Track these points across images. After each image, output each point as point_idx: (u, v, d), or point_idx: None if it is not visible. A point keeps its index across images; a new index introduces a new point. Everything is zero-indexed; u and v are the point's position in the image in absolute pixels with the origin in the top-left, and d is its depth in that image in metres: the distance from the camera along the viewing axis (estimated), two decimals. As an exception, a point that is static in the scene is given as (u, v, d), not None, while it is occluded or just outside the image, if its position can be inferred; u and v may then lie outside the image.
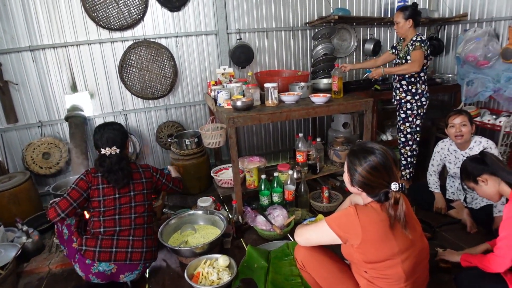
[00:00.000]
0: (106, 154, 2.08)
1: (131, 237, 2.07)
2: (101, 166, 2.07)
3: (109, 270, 1.99)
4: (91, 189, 2.08)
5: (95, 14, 3.21)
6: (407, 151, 3.28)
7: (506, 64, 3.46)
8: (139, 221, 2.13)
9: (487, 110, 3.78)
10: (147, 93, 3.56)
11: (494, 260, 1.70)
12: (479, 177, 1.88)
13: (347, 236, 1.50)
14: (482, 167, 1.88)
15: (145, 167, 2.28)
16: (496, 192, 1.85)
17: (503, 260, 1.66)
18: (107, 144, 2.08)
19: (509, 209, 1.68)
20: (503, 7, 3.63)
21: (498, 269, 1.69)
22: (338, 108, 2.89)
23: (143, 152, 3.76)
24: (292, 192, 2.96)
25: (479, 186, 1.91)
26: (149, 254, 2.13)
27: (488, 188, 1.87)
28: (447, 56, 4.46)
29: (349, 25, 4.12)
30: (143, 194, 2.18)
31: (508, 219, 1.67)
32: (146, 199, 2.20)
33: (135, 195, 2.15)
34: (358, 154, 1.53)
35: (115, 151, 2.09)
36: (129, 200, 2.12)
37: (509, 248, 1.64)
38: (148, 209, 2.21)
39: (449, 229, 2.64)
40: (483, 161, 1.89)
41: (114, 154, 2.09)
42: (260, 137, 4.20)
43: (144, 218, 2.15)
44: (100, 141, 2.10)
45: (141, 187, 2.18)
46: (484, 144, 2.58)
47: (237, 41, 3.72)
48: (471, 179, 1.94)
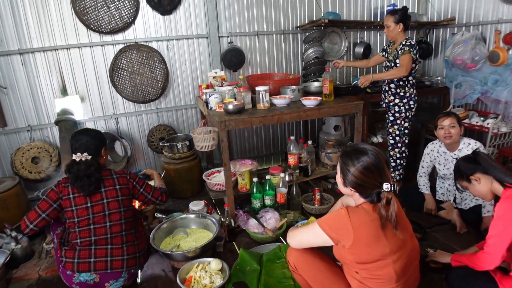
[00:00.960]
0: (76, 160, 2.01)
1: (109, 245, 2.01)
2: (68, 173, 2.00)
3: (91, 280, 1.95)
4: (62, 199, 2.00)
5: (85, 18, 3.20)
6: (396, 153, 3.32)
7: (493, 67, 3.51)
8: (116, 229, 2.04)
9: (475, 112, 3.84)
10: (138, 96, 3.55)
11: (484, 257, 1.72)
12: (472, 176, 1.90)
13: (338, 237, 1.51)
14: (474, 166, 1.89)
15: (120, 173, 2.16)
16: (489, 190, 1.86)
17: (492, 257, 1.68)
18: (79, 150, 2.02)
19: (500, 208, 1.71)
20: (489, 12, 3.70)
21: (488, 266, 1.71)
22: (329, 111, 2.91)
23: (134, 156, 3.74)
24: (284, 194, 2.97)
25: (472, 185, 1.92)
26: (132, 261, 2.06)
27: (481, 187, 1.88)
28: (436, 59, 4.53)
29: (340, 29, 4.16)
30: (118, 201, 2.07)
31: (498, 218, 1.69)
32: (122, 205, 2.08)
33: (108, 202, 2.04)
34: (351, 154, 1.55)
35: (86, 158, 2.01)
36: (102, 209, 2.02)
37: (498, 246, 1.66)
38: (126, 215, 2.09)
39: (439, 229, 2.68)
40: (476, 160, 1.91)
41: (84, 160, 2.00)
42: (252, 140, 4.20)
43: (121, 225, 2.06)
44: (73, 147, 2.05)
45: (114, 194, 2.07)
46: (473, 145, 2.62)
47: (228, 44, 3.73)
48: (464, 178, 1.96)
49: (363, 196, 1.55)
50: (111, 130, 3.56)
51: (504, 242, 1.65)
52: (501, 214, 1.69)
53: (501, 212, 1.69)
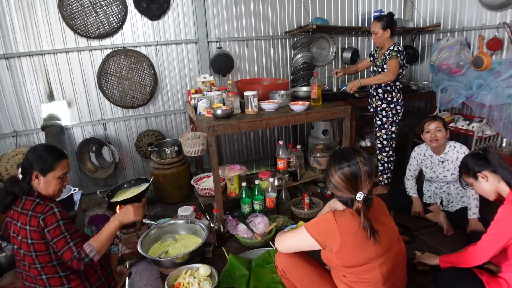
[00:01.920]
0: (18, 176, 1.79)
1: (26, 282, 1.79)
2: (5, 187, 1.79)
3: None
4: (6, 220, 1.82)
5: (72, 22, 3.17)
6: (383, 157, 3.35)
7: (477, 72, 3.59)
8: (34, 272, 1.73)
9: (461, 116, 3.91)
10: (126, 101, 3.52)
11: (474, 252, 1.74)
12: (480, 173, 1.84)
13: (325, 241, 1.52)
14: (483, 163, 1.85)
15: (39, 210, 1.68)
16: (494, 190, 1.82)
17: (484, 252, 1.70)
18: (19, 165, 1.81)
19: (503, 210, 1.70)
20: (473, 18, 3.78)
21: (477, 261, 1.73)
22: (317, 115, 2.93)
23: (122, 161, 3.71)
24: (273, 199, 2.97)
25: (478, 182, 1.87)
26: None
27: (487, 185, 1.83)
28: (422, 64, 4.60)
29: (328, 34, 4.20)
30: (27, 244, 1.69)
31: (500, 220, 1.69)
32: (33, 249, 1.68)
33: (21, 241, 1.71)
34: (335, 157, 1.59)
35: (17, 175, 1.79)
36: (19, 245, 1.73)
37: (492, 245, 1.68)
38: (41, 260, 1.70)
39: (426, 232, 2.71)
40: (485, 158, 1.86)
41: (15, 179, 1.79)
42: (241, 145, 4.21)
43: (37, 270, 1.72)
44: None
45: (23, 234, 1.69)
46: (458, 149, 2.66)
47: (217, 49, 3.74)
48: (471, 174, 1.90)
49: (337, 198, 1.60)
50: (99, 135, 3.53)
51: (499, 242, 1.66)
52: (503, 217, 1.69)
53: (504, 215, 1.69)
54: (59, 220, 1.68)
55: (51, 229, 1.66)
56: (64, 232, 1.68)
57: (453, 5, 4.00)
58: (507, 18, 3.41)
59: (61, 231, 1.67)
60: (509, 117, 3.42)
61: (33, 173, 1.74)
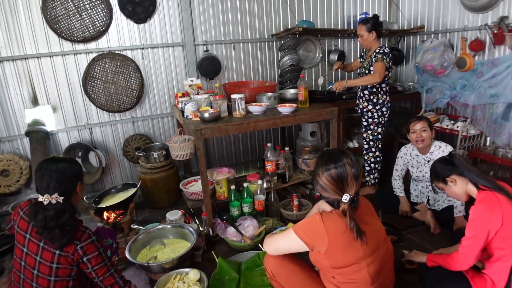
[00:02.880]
0: (44, 203, 1.58)
1: None
2: (34, 220, 1.59)
3: None
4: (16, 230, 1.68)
5: (57, 26, 3.13)
6: (370, 157, 3.39)
7: (460, 73, 3.66)
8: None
9: (446, 116, 3.98)
10: (112, 106, 3.48)
11: (458, 258, 1.77)
12: (448, 178, 1.92)
13: (314, 243, 1.53)
14: (451, 168, 1.92)
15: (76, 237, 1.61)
16: (464, 192, 1.89)
17: (466, 258, 1.73)
18: (48, 190, 1.59)
19: (475, 211, 1.74)
20: (455, 20, 3.86)
21: (461, 267, 1.76)
22: (304, 117, 2.95)
23: (109, 166, 3.66)
24: (262, 201, 2.97)
25: (448, 186, 1.95)
26: None
27: (456, 188, 1.91)
28: (408, 65, 4.67)
29: (314, 37, 4.23)
30: (50, 268, 1.60)
31: (474, 221, 1.73)
32: (56, 275, 1.60)
33: (39, 262, 1.60)
34: (323, 158, 1.59)
35: (56, 200, 1.59)
36: (33, 265, 1.62)
37: (472, 247, 1.71)
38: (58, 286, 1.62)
39: (414, 231, 2.74)
40: (452, 162, 1.94)
41: (54, 203, 1.59)
42: (229, 148, 4.20)
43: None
44: (39, 185, 1.61)
45: (47, 257, 1.60)
46: (444, 148, 2.71)
47: (204, 52, 3.73)
48: (440, 179, 1.98)
49: (324, 199, 1.62)
50: (84, 140, 3.48)
51: (478, 244, 1.69)
52: (476, 217, 1.72)
53: (477, 215, 1.72)
54: (99, 248, 1.67)
55: (92, 258, 1.63)
56: (105, 260, 1.68)
57: (437, 7, 4.08)
58: (489, 20, 3.49)
59: (102, 258, 1.67)
60: (492, 116, 3.49)
61: (78, 185, 1.71)
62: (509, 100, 3.31)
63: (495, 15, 3.42)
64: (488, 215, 1.67)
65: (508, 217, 1.64)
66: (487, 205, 1.70)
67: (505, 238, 1.65)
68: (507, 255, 1.66)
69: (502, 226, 1.64)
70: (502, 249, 1.67)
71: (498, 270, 1.68)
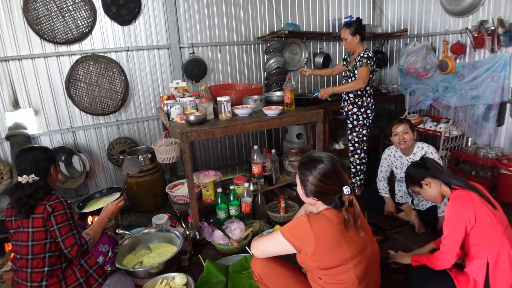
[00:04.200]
0: (22, 182, 1.85)
1: (28, 283, 1.81)
2: (11, 196, 1.83)
3: None
4: (6, 220, 1.90)
5: (38, 27, 3.07)
6: (355, 159, 3.43)
7: (442, 75, 3.74)
8: (22, 263, 1.82)
9: (429, 118, 4.06)
10: (97, 109, 3.43)
11: (441, 257, 1.81)
12: (423, 181, 2.01)
13: (301, 245, 1.53)
14: (424, 172, 2.01)
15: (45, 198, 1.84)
16: (439, 193, 1.98)
17: (448, 256, 1.77)
18: (24, 172, 1.86)
19: (449, 208, 1.80)
20: (437, 24, 3.94)
21: (445, 265, 1.80)
22: (290, 119, 2.96)
23: (93, 170, 3.60)
24: (249, 204, 2.96)
25: (423, 190, 2.03)
26: None
27: (431, 191, 1.99)
28: (391, 68, 4.75)
29: (300, 40, 4.26)
30: (27, 233, 1.81)
31: (450, 218, 1.78)
32: (32, 239, 1.80)
33: (21, 232, 1.82)
34: (308, 164, 1.58)
35: (33, 179, 1.86)
36: (18, 238, 1.83)
37: (452, 245, 1.75)
38: (35, 250, 1.80)
39: (399, 231, 2.78)
40: (425, 166, 2.03)
41: (31, 182, 1.84)
42: (216, 151, 4.18)
43: (27, 261, 1.81)
44: (18, 169, 1.88)
45: (26, 224, 1.82)
46: (426, 149, 2.76)
47: (190, 55, 3.72)
48: (415, 183, 2.06)
49: (326, 203, 1.57)
50: (68, 144, 3.42)
51: (457, 240, 1.74)
52: (451, 214, 1.78)
53: (451, 212, 1.79)
54: (66, 208, 1.86)
55: (58, 215, 1.82)
56: (69, 220, 1.86)
57: (419, 11, 4.16)
58: (469, 24, 3.58)
59: (68, 218, 1.85)
60: (473, 117, 3.58)
61: (51, 168, 1.95)
62: (489, 102, 3.40)
63: (475, 19, 3.51)
64: (462, 210, 1.74)
65: (481, 213, 1.71)
66: (460, 201, 1.77)
67: (480, 235, 1.71)
68: (482, 251, 1.71)
69: (476, 223, 1.70)
70: (477, 246, 1.72)
71: (476, 267, 1.73)
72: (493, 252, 1.68)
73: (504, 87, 3.32)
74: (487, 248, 1.70)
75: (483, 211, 1.71)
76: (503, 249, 1.68)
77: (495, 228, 1.70)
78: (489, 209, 1.73)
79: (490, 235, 1.70)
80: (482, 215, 1.71)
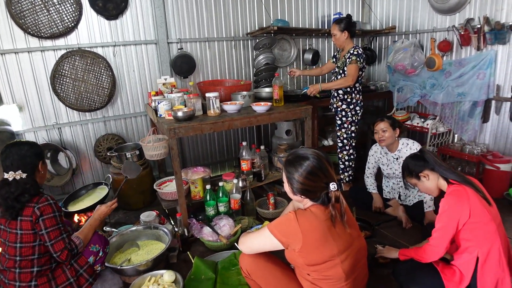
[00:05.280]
0: (9, 179, 1.77)
1: (17, 282, 1.76)
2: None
3: None
4: None
5: (22, 21, 3.00)
6: (344, 155, 3.45)
7: (430, 72, 3.78)
8: (9, 264, 1.76)
9: (416, 114, 4.10)
10: (83, 105, 3.37)
11: (429, 249, 1.83)
12: (421, 173, 1.98)
13: (288, 241, 1.53)
14: (422, 163, 1.98)
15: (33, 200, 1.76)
16: (436, 186, 1.96)
17: (437, 249, 1.79)
18: (11, 168, 1.78)
19: (444, 203, 1.81)
20: (425, 21, 3.98)
21: (432, 258, 1.82)
22: (279, 116, 2.96)
23: (80, 167, 3.55)
24: (238, 200, 2.96)
25: (421, 182, 2.00)
26: None
27: (429, 183, 1.97)
28: (380, 65, 4.78)
29: (289, 36, 4.26)
30: (15, 234, 1.75)
31: (444, 212, 1.80)
32: (21, 241, 1.74)
33: (9, 232, 1.75)
34: (294, 162, 1.58)
35: (20, 176, 1.78)
36: (5, 237, 1.77)
37: (442, 239, 1.77)
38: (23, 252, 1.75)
39: (386, 226, 2.81)
40: (423, 158, 2.00)
41: (18, 179, 1.77)
42: (205, 147, 4.16)
43: (15, 262, 1.76)
44: (4, 164, 1.80)
45: (13, 226, 1.74)
46: (411, 145, 2.79)
47: (178, 50, 3.68)
48: (413, 175, 2.03)
49: (314, 200, 1.58)
50: (53, 141, 3.35)
51: (448, 235, 1.76)
52: (446, 209, 1.79)
53: (446, 207, 1.79)
54: (55, 211, 1.79)
55: (46, 219, 1.75)
56: (59, 223, 1.79)
57: (407, 9, 4.19)
58: (456, 22, 3.62)
59: (57, 222, 1.78)
60: (459, 114, 3.63)
61: (39, 164, 1.88)
62: (475, 98, 3.46)
63: (461, 17, 3.55)
64: (457, 206, 1.74)
65: (475, 209, 1.72)
66: (456, 197, 1.77)
67: (472, 230, 1.72)
68: (473, 246, 1.73)
69: (470, 218, 1.71)
70: (468, 240, 1.74)
71: (465, 261, 1.75)
72: (484, 248, 1.70)
73: (489, 84, 3.38)
74: (478, 244, 1.72)
75: (477, 207, 1.72)
76: (494, 245, 1.70)
77: (488, 225, 1.72)
78: (483, 206, 1.74)
79: (483, 231, 1.72)
80: (477, 211, 1.72)
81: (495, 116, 3.48)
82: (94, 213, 2.15)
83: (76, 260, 1.91)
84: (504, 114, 3.41)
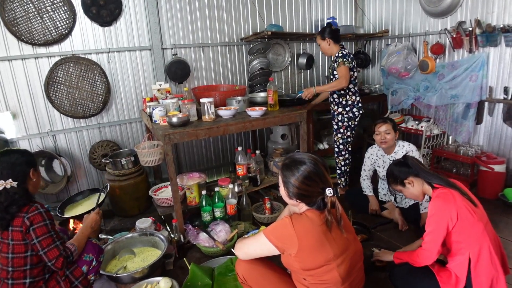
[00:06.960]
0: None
1: None
2: None
3: None
4: None
5: (15, 28, 2.99)
6: (340, 160, 3.45)
7: (423, 75, 3.81)
8: (2, 274, 1.74)
9: (411, 117, 4.12)
10: (77, 111, 3.36)
11: (422, 254, 1.84)
12: (406, 180, 2.02)
13: (284, 246, 1.53)
14: (407, 170, 2.03)
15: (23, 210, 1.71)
16: (421, 191, 2.00)
17: (430, 253, 1.80)
18: (1, 176, 1.74)
19: (432, 207, 1.83)
20: (418, 25, 4.02)
21: (426, 262, 1.82)
22: (274, 120, 2.96)
23: (75, 174, 3.53)
24: (234, 206, 2.95)
25: (406, 188, 2.05)
26: None
27: (414, 189, 2.01)
28: (374, 68, 4.81)
29: (283, 41, 4.28)
30: (7, 245, 1.72)
31: (432, 216, 1.81)
32: (12, 251, 1.71)
33: (1, 243, 1.73)
34: (290, 166, 1.58)
35: (11, 185, 1.74)
36: (7, 250, 1.72)
37: (434, 242, 1.78)
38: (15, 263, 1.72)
39: (383, 229, 2.81)
40: (406, 164, 2.05)
41: (9, 188, 1.73)
42: (200, 153, 4.15)
43: (8, 272, 1.73)
44: None
45: (5, 236, 1.72)
46: (407, 147, 2.80)
47: (172, 56, 3.68)
48: (398, 182, 2.07)
49: (309, 205, 1.58)
50: (48, 148, 3.33)
51: (439, 238, 1.77)
52: (434, 212, 1.81)
53: (434, 211, 1.81)
54: (46, 219, 1.74)
55: (37, 228, 1.70)
56: (51, 231, 1.74)
57: (400, 12, 4.23)
58: (448, 25, 3.66)
59: (48, 230, 1.73)
60: (453, 116, 3.66)
61: (30, 172, 1.82)
62: (468, 100, 3.49)
63: (453, 20, 3.59)
64: (445, 208, 1.77)
65: (462, 211, 1.74)
66: (442, 200, 1.80)
67: (461, 232, 1.74)
68: (464, 247, 1.74)
69: (458, 221, 1.73)
70: (459, 243, 1.76)
71: (458, 264, 1.76)
72: (474, 249, 1.72)
73: (482, 86, 3.41)
74: (468, 245, 1.73)
75: (464, 209, 1.75)
76: (484, 245, 1.71)
77: (476, 225, 1.74)
78: (469, 207, 1.77)
79: (471, 232, 1.73)
80: (463, 213, 1.74)
81: (488, 117, 3.51)
82: (84, 221, 2.13)
83: (71, 272, 1.88)
84: (497, 115, 3.44)
